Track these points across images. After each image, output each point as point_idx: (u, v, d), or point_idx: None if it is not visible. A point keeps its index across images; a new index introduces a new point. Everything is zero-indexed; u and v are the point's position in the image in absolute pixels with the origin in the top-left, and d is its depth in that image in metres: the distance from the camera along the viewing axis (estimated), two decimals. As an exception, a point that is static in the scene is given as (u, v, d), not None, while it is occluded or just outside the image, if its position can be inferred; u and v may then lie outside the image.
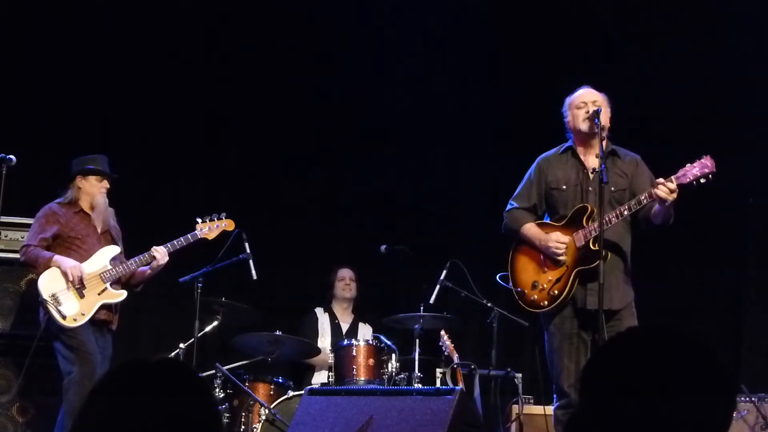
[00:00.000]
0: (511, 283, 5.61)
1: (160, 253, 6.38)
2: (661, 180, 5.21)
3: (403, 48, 8.88)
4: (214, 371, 6.80)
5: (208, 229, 6.60)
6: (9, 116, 8.03)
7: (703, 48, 8.31)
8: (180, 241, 6.49)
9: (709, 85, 8.27)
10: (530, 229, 5.55)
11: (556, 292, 5.38)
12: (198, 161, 8.58)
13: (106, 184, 6.49)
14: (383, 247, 7.68)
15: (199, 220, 6.61)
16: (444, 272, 7.10)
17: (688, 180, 5.21)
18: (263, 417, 6.58)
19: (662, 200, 5.17)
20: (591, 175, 5.42)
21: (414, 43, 8.89)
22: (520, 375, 7.35)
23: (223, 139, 8.69)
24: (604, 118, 5.43)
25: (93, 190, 6.45)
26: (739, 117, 8.32)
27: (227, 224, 6.67)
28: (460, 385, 6.71)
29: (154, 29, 8.48)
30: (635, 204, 5.28)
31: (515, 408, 7.16)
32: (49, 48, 8.28)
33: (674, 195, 5.16)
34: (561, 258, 5.39)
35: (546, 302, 5.42)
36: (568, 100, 5.58)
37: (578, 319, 5.37)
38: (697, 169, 5.21)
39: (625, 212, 5.30)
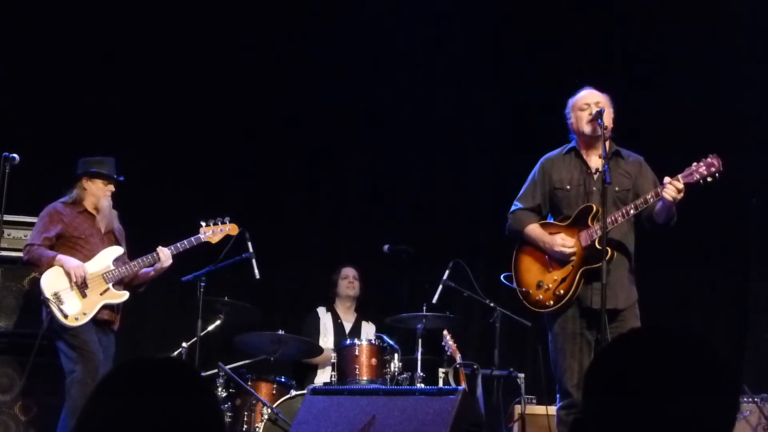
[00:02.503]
0: (515, 283, 5.60)
1: (165, 255, 6.39)
2: (668, 179, 5.19)
3: (406, 48, 8.89)
4: (216, 370, 6.80)
5: (211, 232, 6.62)
6: (12, 115, 8.03)
7: (705, 48, 8.30)
8: (183, 244, 6.51)
9: (711, 84, 8.26)
10: (534, 230, 5.54)
11: (562, 291, 5.37)
12: (201, 161, 8.58)
13: (111, 187, 6.51)
14: (386, 247, 7.68)
15: (203, 224, 6.63)
16: (447, 272, 7.10)
17: (695, 179, 5.18)
18: (266, 416, 6.58)
19: (668, 199, 5.15)
20: (594, 176, 5.41)
21: (416, 43, 8.89)
22: (522, 375, 7.34)
23: (226, 138, 8.68)
24: (607, 119, 5.41)
25: (98, 193, 6.47)
26: (742, 117, 8.31)
27: (231, 228, 6.69)
28: (463, 385, 6.71)
29: (155, 30, 8.48)
30: (642, 203, 5.27)
31: (518, 408, 7.15)
32: (52, 47, 8.28)
33: (681, 194, 5.15)
34: (571, 259, 5.37)
35: (551, 302, 5.41)
36: (570, 101, 5.57)
37: (582, 319, 5.36)
38: (703, 168, 5.19)
39: (632, 211, 5.28)
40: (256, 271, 6.79)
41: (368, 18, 8.79)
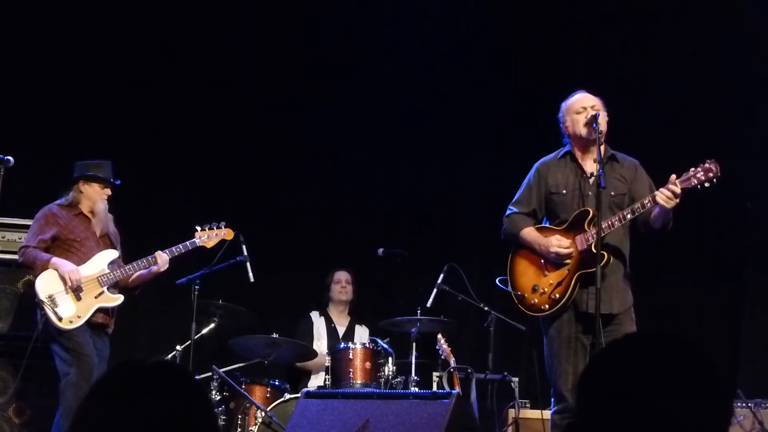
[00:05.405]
0: (510, 287, 5.59)
1: (162, 260, 6.39)
2: (672, 182, 5.17)
3: (403, 50, 8.89)
4: (210, 373, 6.80)
5: (207, 237, 6.62)
6: (7, 117, 8.03)
7: (701, 50, 8.31)
8: (179, 248, 6.51)
9: (707, 87, 8.26)
10: (530, 233, 5.53)
11: (558, 295, 5.36)
12: (196, 164, 8.58)
13: (108, 191, 6.51)
14: (381, 250, 7.69)
15: (198, 228, 6.63)
16: (441, 276, 7.10)
17: (692, 184, 5.16)
18: (259, 420, 6.58)
19: (662, 204, 5.15)
20: (590, 180, 5.41)
21: (413, 44, 8.89)
22: (516, 379, 7.34)
23: (221, 142, 8.68)
24: (602, 123, 5.41)
25: (95, 197, 6.46)
26: (737, 120, 8.32)
27: (226, 233, 6.68)
28: (457, 389, 6.71)
29: (152, 32, 8.48)
30: (639, 208, 5.25)
31: (512, 412, 7.15)
32: (49, 49, 8.28)
33: (677, 199, 5.14)
34: (567, 260, 5.37)
35: (547, 306, 5.40)
36: (564, 105, 5.55)
37: (577, 323, 5.35)
38: (701, 173, 5.17)
39: (629, 216, 5.27)
40: (251, 274, 6.79)
41: (367, 19, 8.80)
